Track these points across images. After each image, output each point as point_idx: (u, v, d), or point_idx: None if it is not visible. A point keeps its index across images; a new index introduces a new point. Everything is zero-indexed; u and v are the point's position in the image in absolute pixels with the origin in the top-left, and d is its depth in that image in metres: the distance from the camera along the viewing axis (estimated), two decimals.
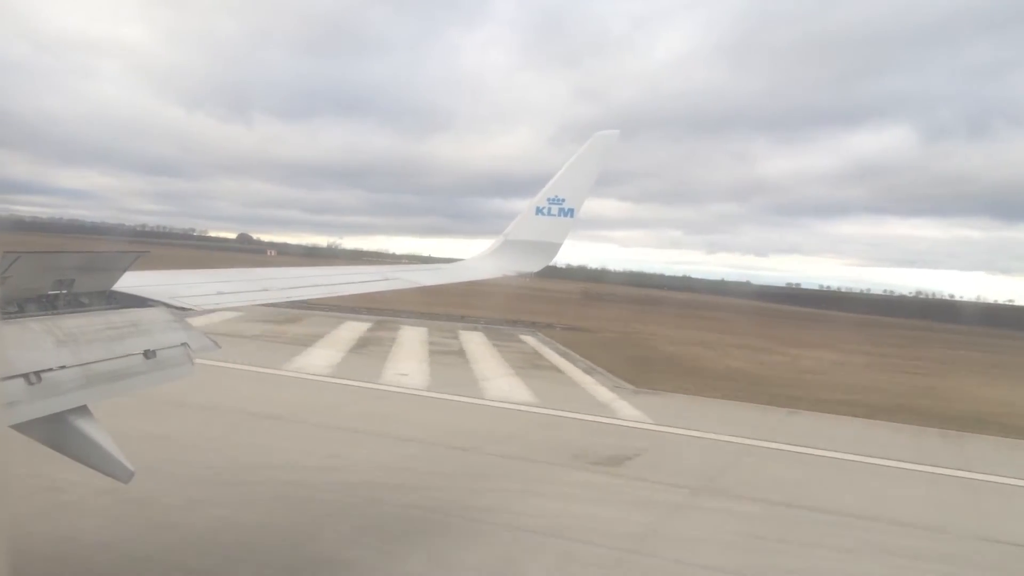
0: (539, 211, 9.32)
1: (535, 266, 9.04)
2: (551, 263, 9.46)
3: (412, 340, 25.80)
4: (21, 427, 3.01)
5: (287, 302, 5.65)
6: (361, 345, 23.79)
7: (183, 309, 4.28)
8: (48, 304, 3.49)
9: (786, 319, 68.39)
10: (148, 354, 3.49)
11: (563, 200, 9.39)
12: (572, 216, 9.43)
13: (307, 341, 23.45)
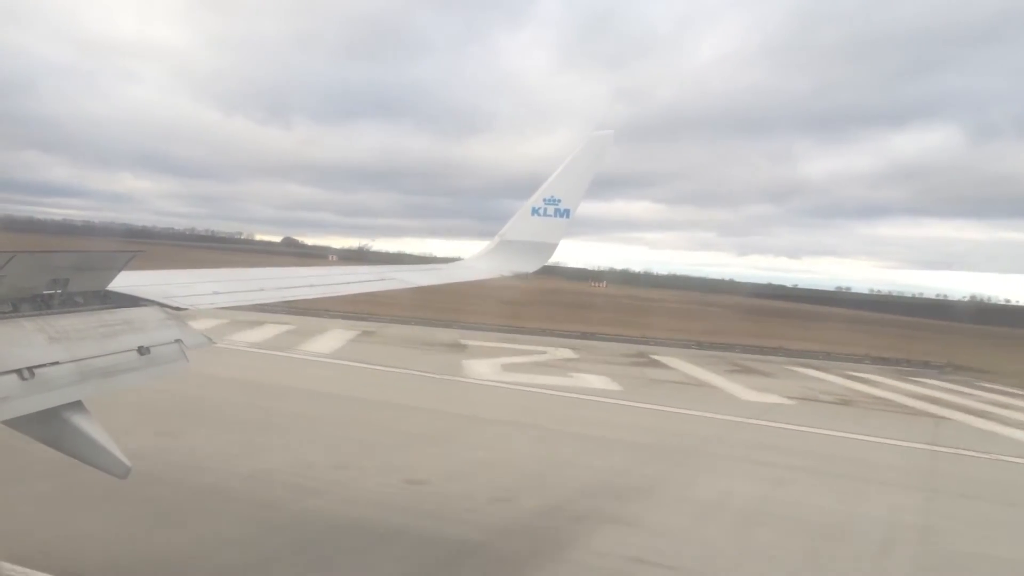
0: (535, 211, 9.35)
1: (531, 266, 9.08)
2: (547, 263, 9.50)
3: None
4: (15, 423, 3.03)
5: (283, 302, 5.66)
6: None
7: (178, 309, 4.29)
8: (42, 303, 3.51)
9: (932, 329, 65.11)
10: (142, 350, 3.50)
11: (559, 200, 9.43)
12: (568, 216, 9.46)
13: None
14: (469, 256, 9.28)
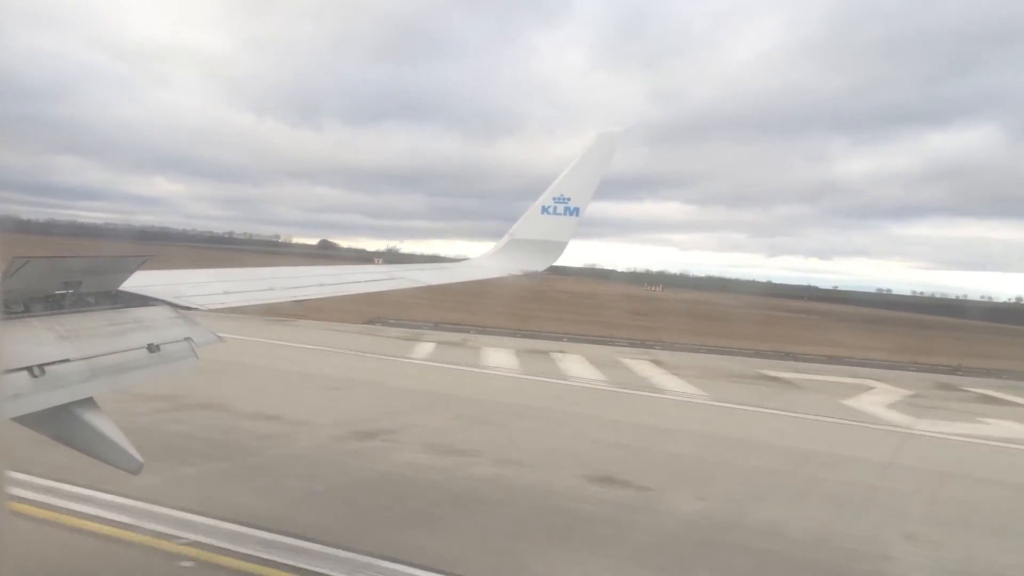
0: (544, 210, 9.34)
1: (541, 265, 9.06)
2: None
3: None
4: (27, 420, 3.05)
5: (293, 301, 5.68)
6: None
7: (188, 308, 4.32)
8: (54, 304, 3.54)
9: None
10: (152, 348, 3.52)
11: (568, 199, 9.41)
12: (578, 215, 9.44)
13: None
14: (478, 255, 9.28)
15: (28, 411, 2.84)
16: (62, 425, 3.12)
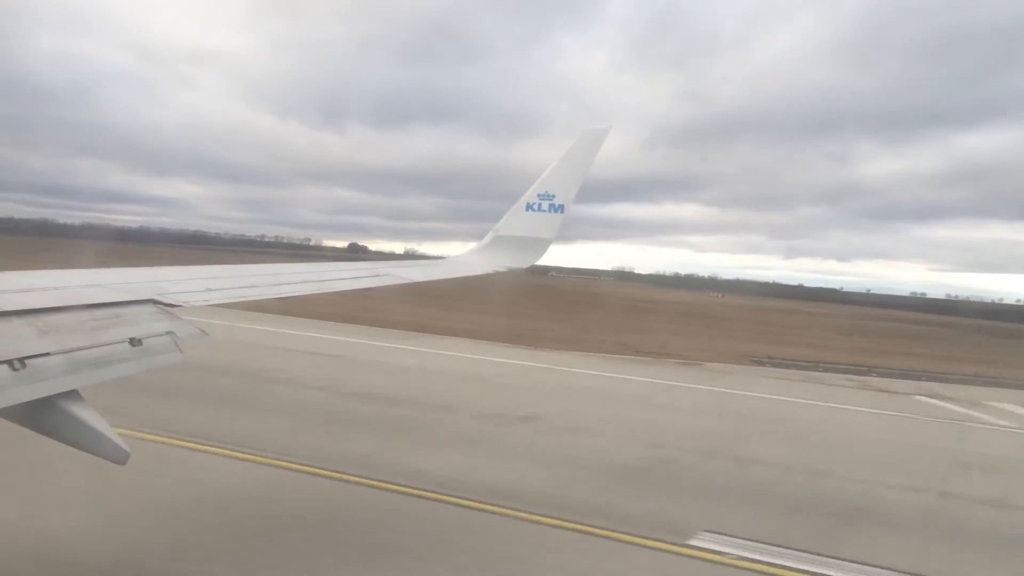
0: (529, 207, 9.38)
1: (525, 262, 9.09)
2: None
3: None
4: (9, 414, 3.07)
5: (277, 298, 5.70)
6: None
7: (171, 306, 4.33)
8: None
9: None
10: (134, 342, 3.54)
11: (553, 196, 9.45)
12: (562, 212, 9.48)
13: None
14: (463, 251, 9.30)
15: (9, 404, 2.86)
16: (47, 418, 3.15)
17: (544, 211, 9.40)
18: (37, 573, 6.26)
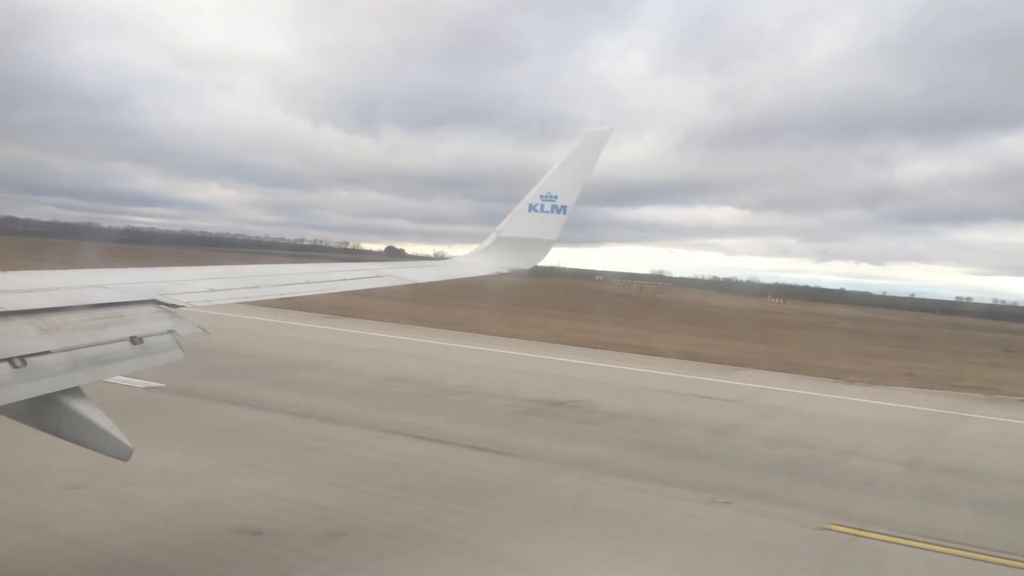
0: (532, 208, 9.35)
1: (528, 263, 9.06)
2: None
3: None
4: (12, 412, 3.07)
5: (279, 299, 5.69)
6: None
7: (173, 306, 4.33)
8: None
9: None
10: (135, 340, 3.54)
11: (556, 197, 9.42)
12: (564, 213, 9.46)
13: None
14: (466, 253, 9.28)
15: (11, 400, 2.86)
16: (50, 416, 3.16)
17: (547, 212, 9.37)
18: None
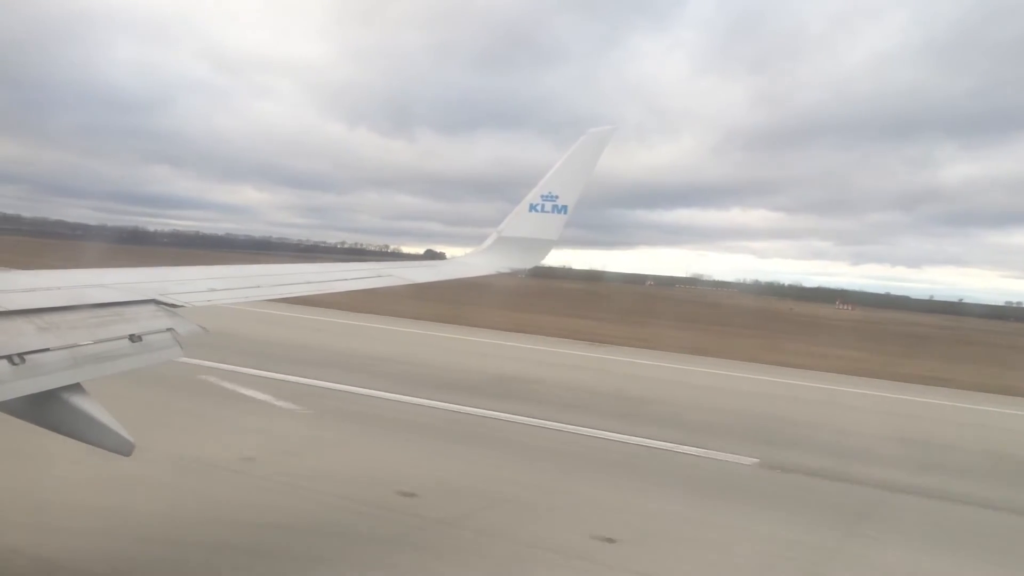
0: (533, 208, 9.38)
1: (529, 263, 9.08)
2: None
3: None
4: (11, 408, 3.09)
5: (281, 299, 5.71)
6: None
7: (173, 306, 4.35)
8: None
9: None
10: (134, 338, 3.57)
11: (557, 197, 9.45)
12: (565, 213, 9.48)
13: None
14: (466, 253, 9.30)
15: (9, 397, 2.89)
16: (50, 412, 3.18)
17: (548, 212, 9.39)
18: None
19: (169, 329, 3.82)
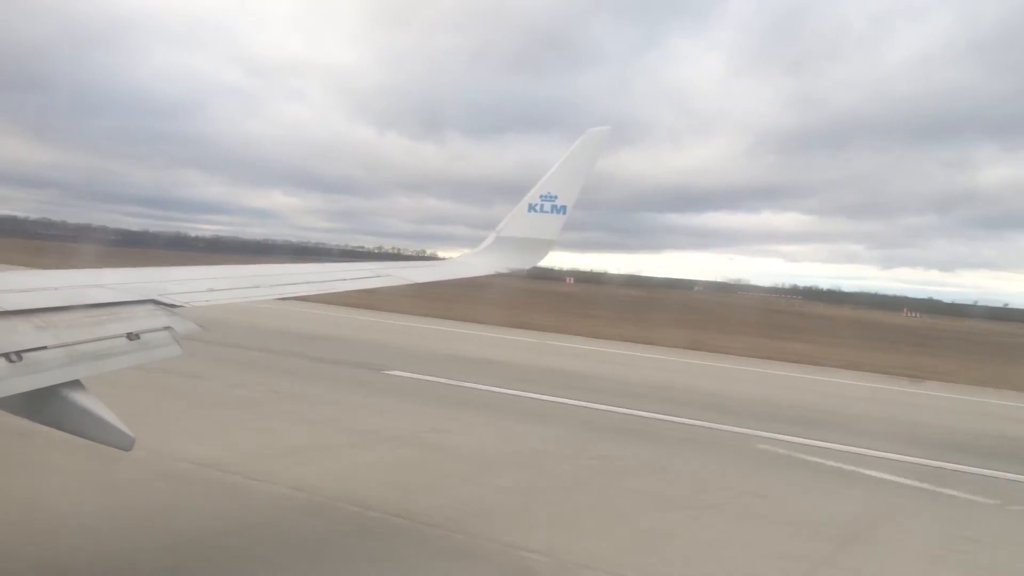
0: (531, 208, 9.38)
1: (527, 263, 9.08)
2: (541, 263, 9.46)
3: None
4: (10, 406, 3.10)
5: (280, 299, 5.71)
6: None
7: (172, 306, 4.35)
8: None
9: None
10: (131, 336, 3.57)
11: (555, 197, 9.45)
12: (564, 213, 9.48)
13: None
14: (465, 253, 9.30)
15: (8, 393, 2.89)
16: (49, 409, 3.20)
17: (547, 212, 9.40)
18: None
19: (167, 328, 3.83)
